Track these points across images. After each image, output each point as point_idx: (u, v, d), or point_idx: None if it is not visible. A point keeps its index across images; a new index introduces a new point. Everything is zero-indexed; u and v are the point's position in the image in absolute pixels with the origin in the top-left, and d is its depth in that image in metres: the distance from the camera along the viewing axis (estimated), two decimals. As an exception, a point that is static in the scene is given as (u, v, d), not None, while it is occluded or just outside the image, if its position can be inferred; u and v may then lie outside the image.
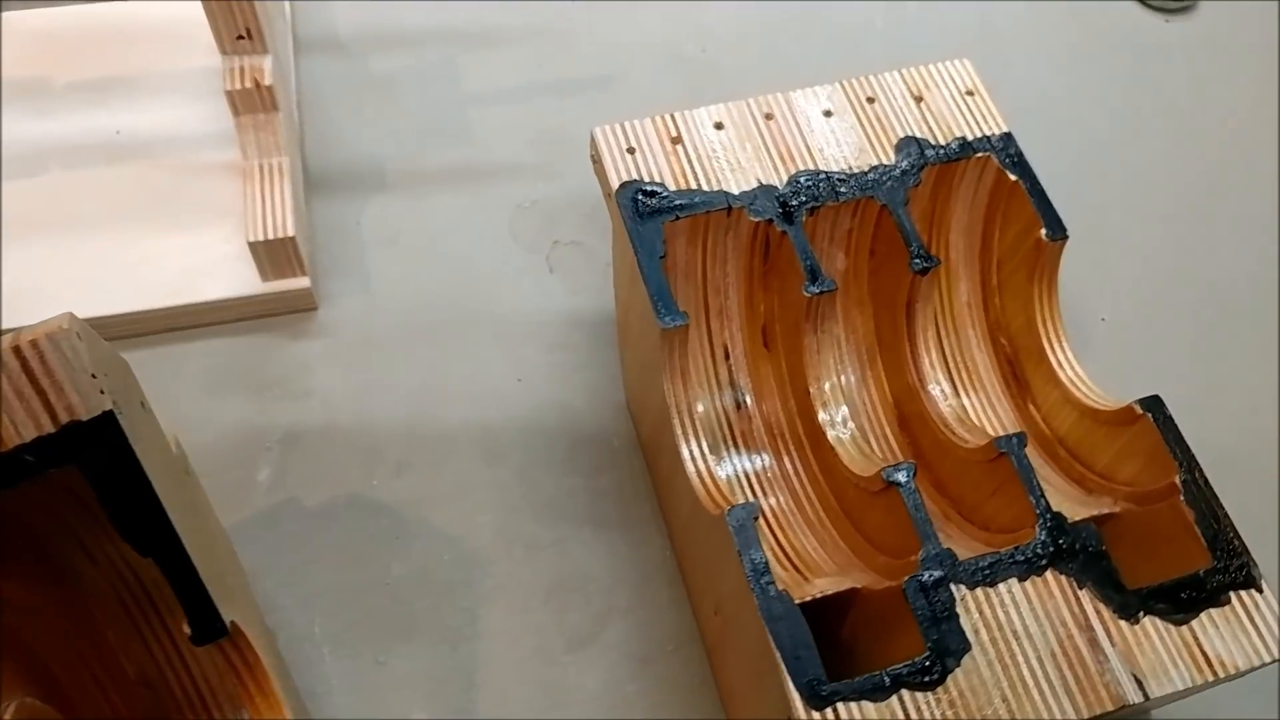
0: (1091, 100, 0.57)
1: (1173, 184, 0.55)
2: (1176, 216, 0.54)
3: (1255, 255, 0.53)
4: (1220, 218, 0.54)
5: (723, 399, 0.44)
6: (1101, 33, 0.59)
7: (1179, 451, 0.37)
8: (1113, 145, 0.56)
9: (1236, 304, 0.52)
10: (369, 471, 0.45)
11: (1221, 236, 0.53)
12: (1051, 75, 0.58)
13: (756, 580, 0.34)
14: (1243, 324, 0.51)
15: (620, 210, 0.40)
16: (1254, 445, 0.48)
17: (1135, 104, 0.57)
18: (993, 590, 0.34)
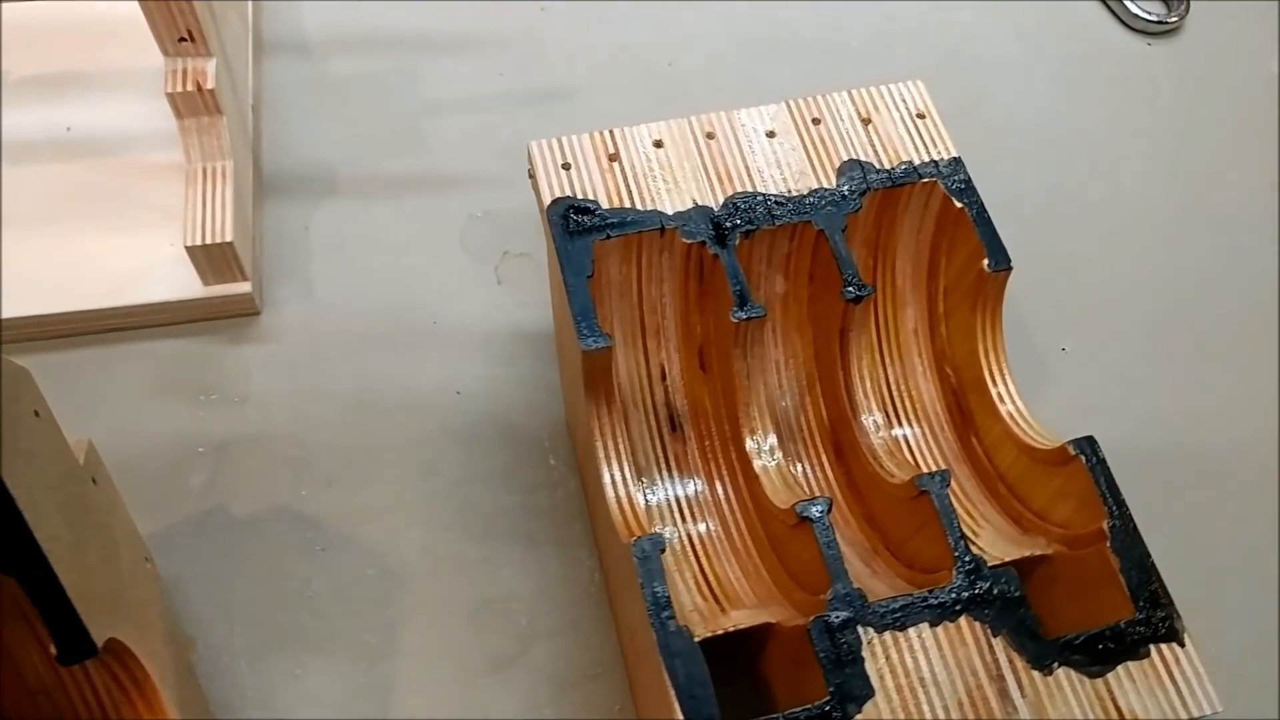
0: (1069, 124, 0.56)
1: (1148, 213, 0.53)
2: (1150, 247, 0.52)
3: (1228, 289, 0.51)
4: (1196, 250, 0.52)
5: (658, 421, 0.43)
6: (1082, 55, 0.58)
7: (1109, 496, 0.36)
8: (1089, 171, 0.54)
9: (1205, 338, 0.50)
10: (299, 481, 0.44)
11: (1196, 270, 0.52)
12: (1028, 98, 0.57)
13: (657, 614, 0.33)
14: (1208, 358, 0.50)
15: (550, 227, 0.39)
16: (1212, 479, 0.47)
17: (1114, 129, 0.56)
18: (902, 634, 0.33)
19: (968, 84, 0.57)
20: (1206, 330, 0.50)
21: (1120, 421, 0.48)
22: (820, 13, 0.58)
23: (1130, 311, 0.50)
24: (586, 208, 0.39)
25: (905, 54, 0.57)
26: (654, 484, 0.42)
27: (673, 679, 0.32)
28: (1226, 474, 0.47)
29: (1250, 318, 0.51)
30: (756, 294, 0.42)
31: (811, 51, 0.57)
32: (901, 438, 0.43)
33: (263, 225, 0.49)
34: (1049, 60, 0.58)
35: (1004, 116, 0.56)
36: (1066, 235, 0.52)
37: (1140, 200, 0.53)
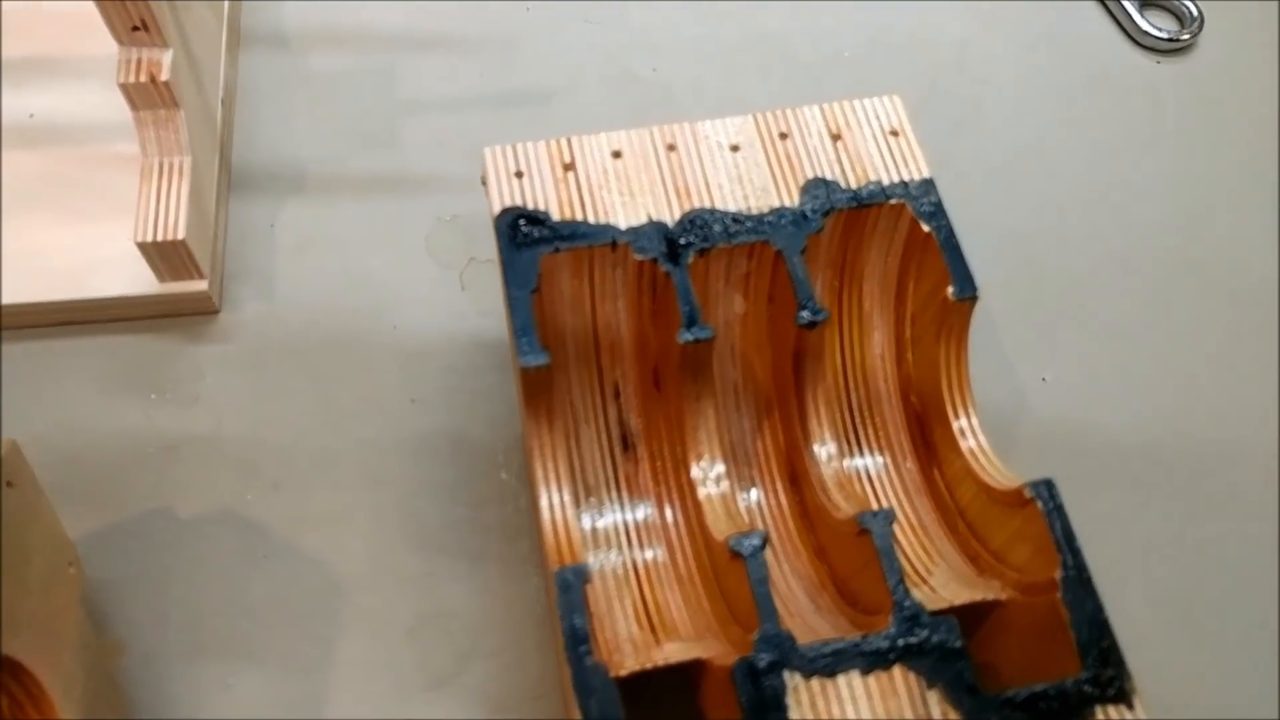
0: (1067, 145, 0.54)
1: (1145, 241, 0.51)
2: (1144, 276, 0.50)
3: (1222, 326, 0.49)
4: (1192, 282, 0.50)
5: (610, 439, 0.42)
6: (1085, 73, 0.56)
7: (1064, 543, 0.34)
8: (1085, 195, 0.52)
9: (1196, 375, 0.48)
10: (246, 485, 0.43)
11: (1190, 303, 0.49)
12: (1025, 116, 0.54)
13: (573, 648, 0.31)
14: (1197, 393, 0.47)
15: (497, 238, 0.38)
16: (1197, 514, 0.45)
17: (1115, 152, 0.54)
18: (831, 682, 0.31)
19: (962, 100, 0.55)
20: (1197, 367, 0.48)
21: (1094, 457, 0.46)
22: (811, 23, 0.56)
23: (1117, 344, 0.48)
24: (537, 218, 0.38)
25: (898, 67, 0.55)
26: (602, 505, 0.41)
27: (585, 716, 0.31)
28: (1210, 508, 0.45)
29: (1246, 356, 0.48)
30: (714, 313, 0.41)
31: (800, 62, 0.55)
32: (862, 467, 0.42)
33: (227, 222, 0.49)
34: (1049, 77, 0.55)
35: (999, 134, 0.54)
36: (1058, 261, 0.50)
37: (1137, 228, 0.51)
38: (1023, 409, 0.47)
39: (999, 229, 0.51)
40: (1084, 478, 0.45)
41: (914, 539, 0.40)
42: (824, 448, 0.39)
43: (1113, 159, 0.53)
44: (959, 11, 0.58)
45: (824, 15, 0.56)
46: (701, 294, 0.40)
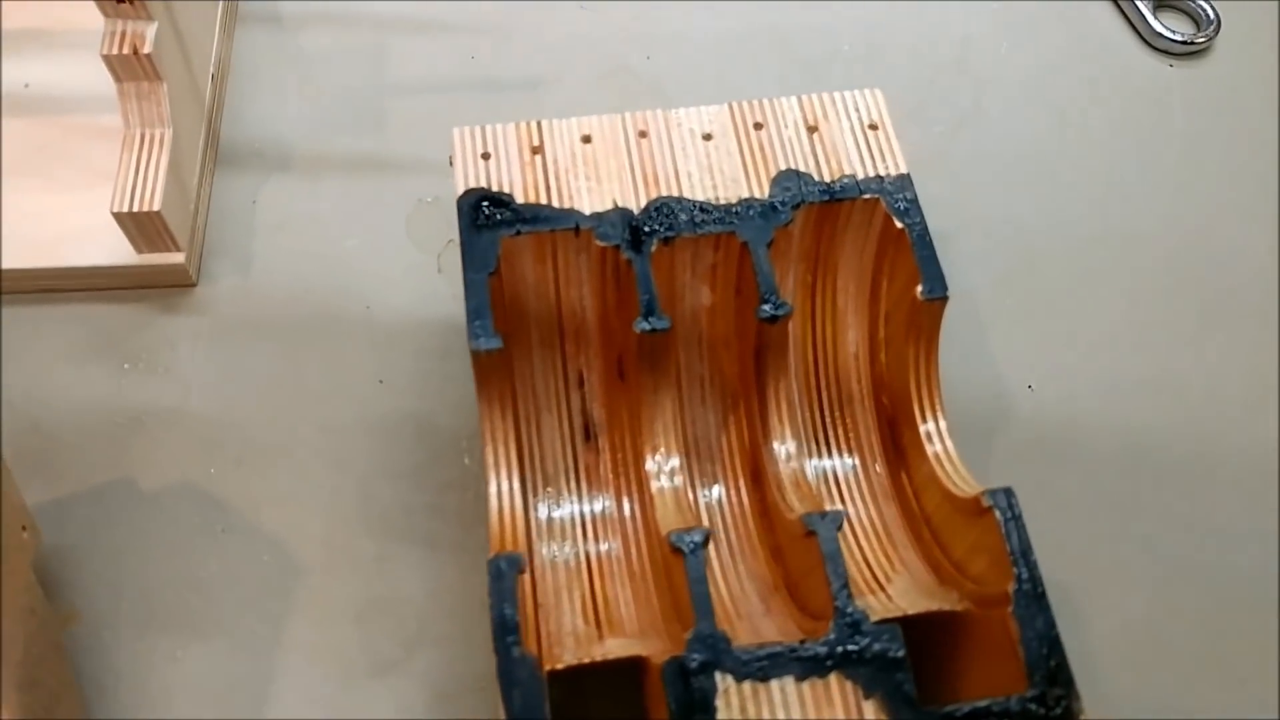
0: (1071, 147, 0.52)
1: (1144, 249, 0.49)
2: (1140, 285, 0.49)
3: (1217, 341, 0.47)
4: (1191, 294, 0.48)
5: (572, 429, 0.41)
6: (1094, 73, 0.54)
7: (1019, 556, 0.33)
8: (1086, 199, 0.51)
9: (1186, 390, 0.46)
10: (209, 460, 0.43)
11: (1185, 316, 0.48)
12: (1030, 116, 0.53)
13: (501, 638, 0.31)
14: (1184, 407, 0.46)
15: (458, 218, 0.38)
16: (1177, 530, 0.43)
17: (1120, 156, 0.52)
18: (764, 686, 0.30)
19: (963, 99, 0.53)
20: (1190, 381, 0.46)
21: (1076, 470, 0.44)
22: (811, 17, 0.55)
23: (1108, 355, 0.47)
24: (501, 200, 0.38)
25: (899, 63, 0.54)
26: (560, 496, 0.40)
27: (507, 708, 0.30)
28: (1194, 525, 0.43)
29: (1240, 370, 0.47)
30: (681, 305, 0.40)
31: (798, 56, 0.54)
32: (831, 469, 0.41)
33: (210, 196, 0.48)
34: (1055, 78, 0.54)
35: (1001, 134, 0.52)
36: (1053, 267, 0.49)
37: (1137, 236, 0.49)
38: (1006, 416, 0.46)
39: (994, 231, 0.50)
40: (1064, 490, 0.44)
41: (876, 545, 0.39)
42: (784, 446, 0.38)
43: (1116, 164, 0.52)
44: (962, 9, 0.56)
45: (824, 10, 0.55)
46: (667, 284, 0.39)
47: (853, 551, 0.39)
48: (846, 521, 0.39)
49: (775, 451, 0.38)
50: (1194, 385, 0.46)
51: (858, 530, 0.39)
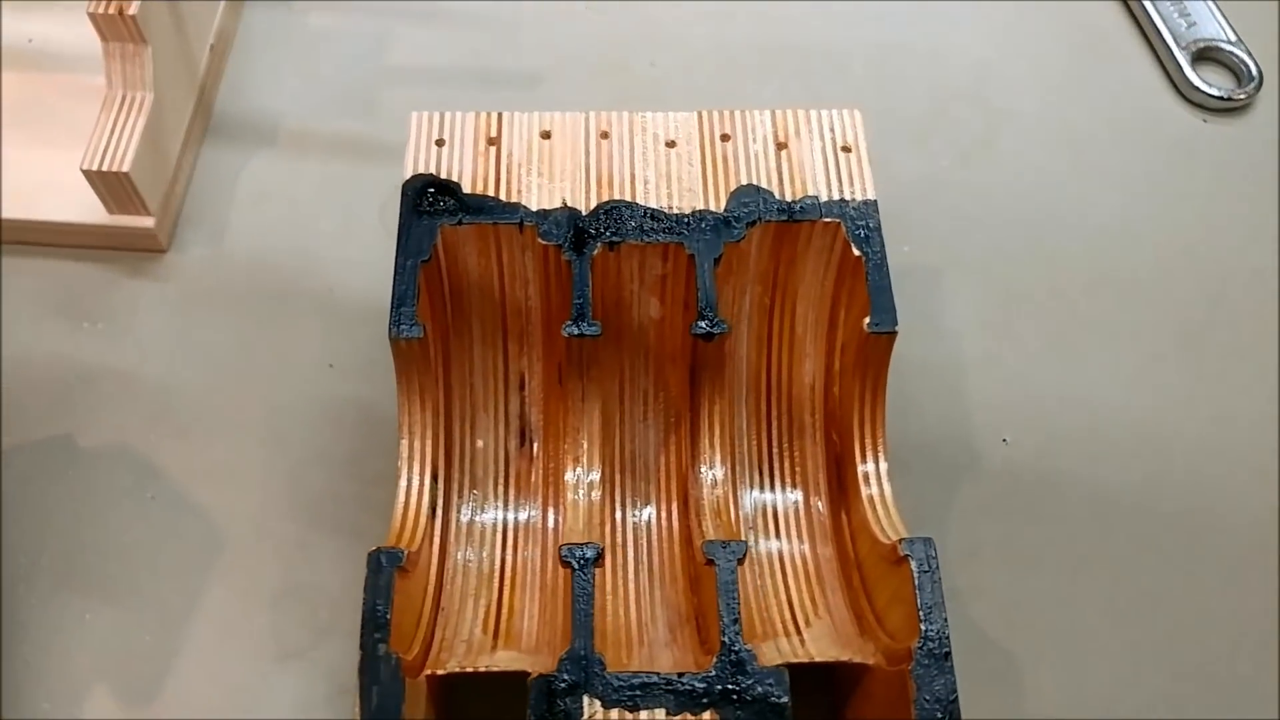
0: (1081, 195, 0.50)
1: (1147, 309, 0.47)
2: (1137, 342, 0.46)
3: (1210, 410, 0.44)
4: (1190, 356, 0.45)
5: (507, 433, 0.40)
6: (1118, 119, 0.51)
7: (927, 611, 0.30)
8: (1087, 252, 0.48)
9: (1173, 458, 0.43)
10: (151, 426, 0.43)
11: (1182, 378, 0.45)
12: (1041, 156, 0.51)
13: (369, 634, 0.30)
14: (1169, 480, 0.43)
15: (401, 203, 0.37)
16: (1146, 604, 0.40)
17: (1133, 210, 0.49)
18: (634, 715, 0.29)
19: (976, 130, 0.51)
20: (1173, 447, 0.43)
21: (1042, 528, 0.42)
22: (824, 36, 0.53)
23: (1092, 414, 0.44)
24: (447, 188, 0.37)
25: (911, 89, 0.52)
26: (485, 500, 0.39)
27: (364, 707, 0.29)
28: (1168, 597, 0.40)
29: (1233, 443, 0.44)
30: (628, 315, 0.38)
31: (807, 73, 0.52)
32: (771, 502, 0.39)
33: (195, 165, 0.48)
34: (1078, 118, 0.51)
35: (1009, 171, 0.50)
36: (1045, 314, 0.46)
37: (1138, 289, 0.47)
38: (975, 466, 0.43)
39: (988, 271, 0.47)
40: (1028, 550, 0.41)
41: (804, 585, 0.37)
42: (711, 471, 0.36)
43: (1128, 215, 0.49)
44: (985, 38, 0.54)
45: (839, 28, 0.54)
46: (614, 293, 0.38)
47: (777, 590, 0.37)
48: (777, 559, 0.38)
49: (701, 476, 0.36)
50: (1180, 451, 0.44)
51: (787, 568, 0.37)
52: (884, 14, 0.55)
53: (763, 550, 0.38)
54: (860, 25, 0.54)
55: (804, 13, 0.55)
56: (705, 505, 0.35)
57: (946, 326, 0.46)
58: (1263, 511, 0.42)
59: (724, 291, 0.38)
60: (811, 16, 0.55)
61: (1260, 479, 0.43)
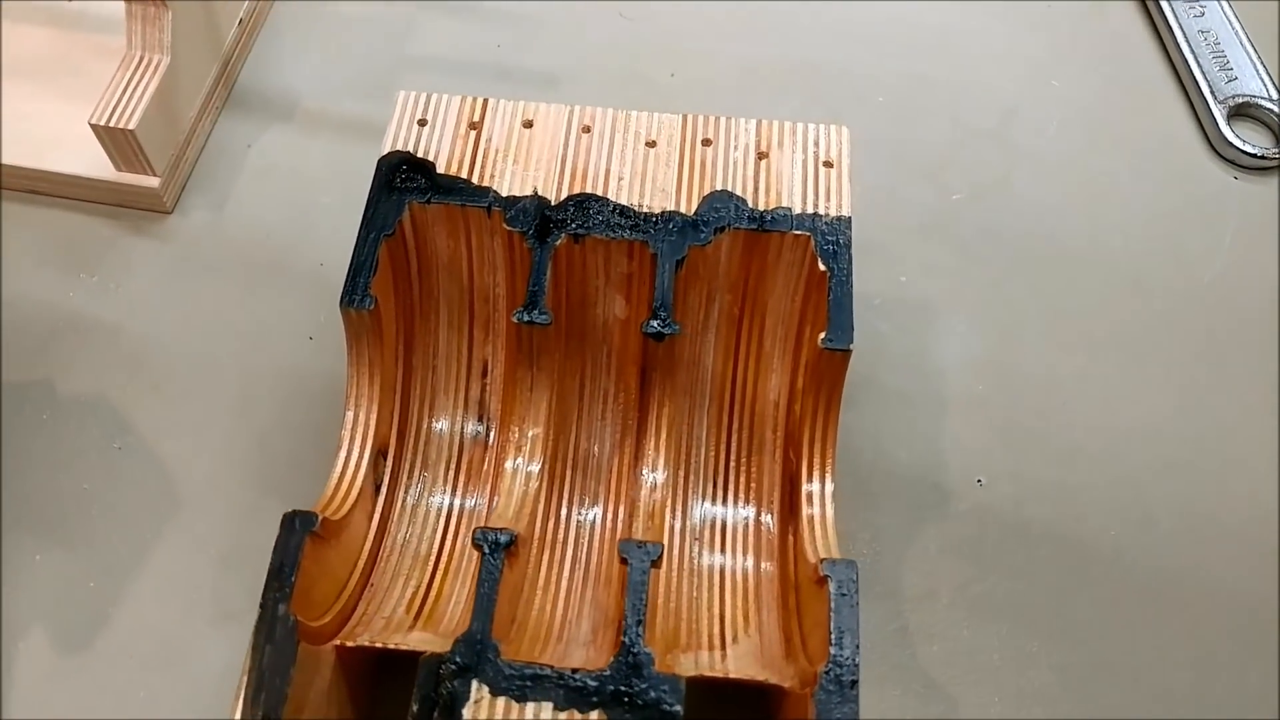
0: (1099, 241, 0.48)
1: (1152, 364, 0.45)
2: (1128, 399, 0.44)
3: (1200, 472, 0.42)
4: (1187, 417, 0.44)
5: (465, 420, 0.40)
6: (1143, 169, 0.50)
7: (840, 636, 0.29)
8: (1089, 299, 0.46)
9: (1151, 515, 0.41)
10: (128, 379, 0.43)
11: (1170, 435, 0.43)
12: (1060, 200, 0.49)
13: (269, 591, 0.30)
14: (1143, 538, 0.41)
15: (374, 178, 0.37)
16: (1101, 666, 0.38)
17: (1147, 260, 0.47)
18: (519, 706, 0.28)
19: (994, 169, 0.50)
20: (1155, 509, 0.42)
21: (1006, 576, 0.40)
22: (852, 61, 0.52)
23: (1073, 464, 0.42)
24: (421, 166, 0.37)
25: (931, 121, 0.51)
26: (434, 484, 0.39)
27: (253, 663, 0.28)
28: (1128, 662, 0.39)
29: (1224, 513, 0.42)
30: (592, 313, 0.38)
31: (827, 95, 0.52)
32: (721, 516, 0.38)
33: (209, 134, 0.50)
34: (1101, 166, 0.50)
35: (1023, 213, 0.49)
36: (1035, 364, 0.45)
37: (1139, 354, 0.45)
38: (945, 507, 0.42)
39: (986, 311, 0.46)
40: (989, 597, 0.40)
41: (740, 602, 0.36)
42: (653, 474, 0.36)
43: (1139, 268, 0.47)
44: (1016, 78, 0.53)
45: (867, 54, 0.53)
46: (579, 288, 0.37)
47: (712, 604, 0.36)
48: (718, 573, 0.37)
49: (642, 478, 0.36)
50: (1163, 517, 0.42)
51: (726, 583, 0.36)
52: (914, 44, 0.54)
53: (705, 562, 0.37)
54: (889, 54, 0.54)
55: (834, 36, 0.54)
56: (640, 508, 0.35)
57: (933, 361, 0.45)
58: (1257, 587, 0.40)
59: (690, 296, 0.37)
60: (841, 40, 0.54)
61: (1256, 554, 0.41)
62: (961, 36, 0.55)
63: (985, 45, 0.54)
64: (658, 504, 0.35)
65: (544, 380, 0.36)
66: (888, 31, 0.55)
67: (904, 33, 0.55)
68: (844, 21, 0.55)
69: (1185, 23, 0.54)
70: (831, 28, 0.55)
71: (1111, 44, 0.55)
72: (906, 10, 0.55)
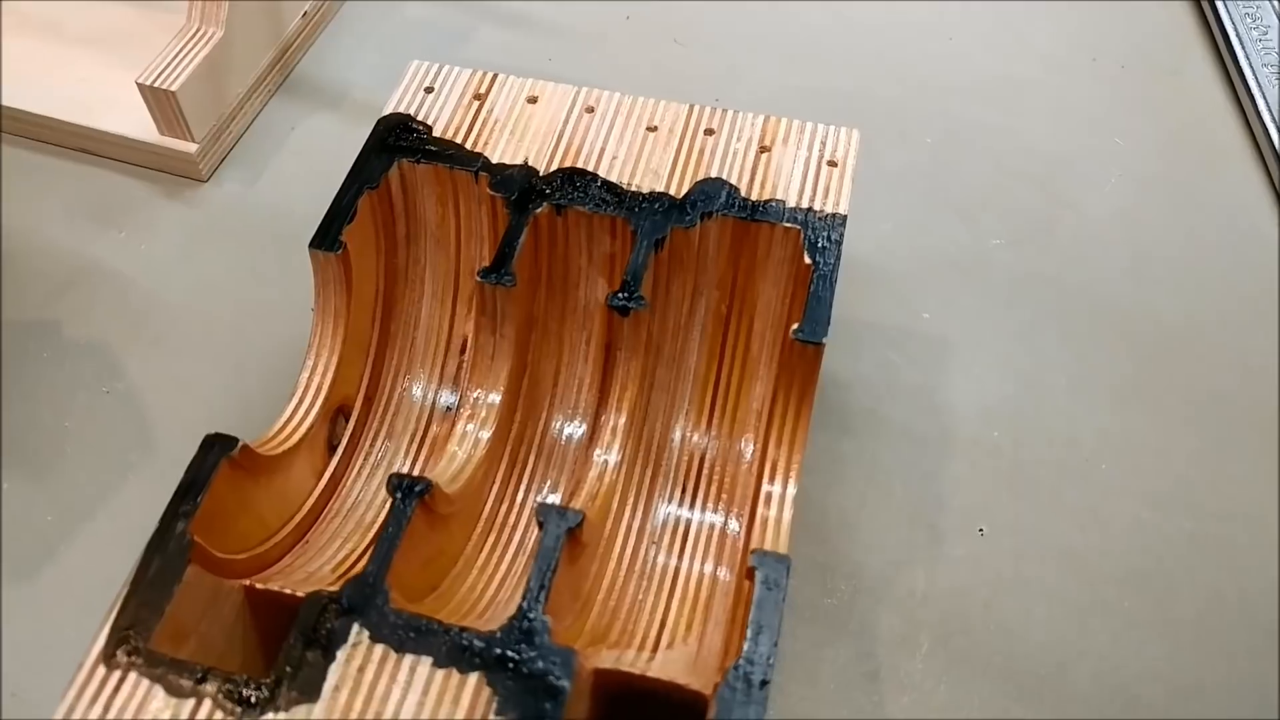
0: (1140, 300, 0.45)
1: (1185, 428, 0.41)
2: (1169, 469, 0.40)
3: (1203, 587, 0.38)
4: (1194, 489, 0.40)
5: (437, 395, 0.38)
6: (1202, 233, 0.47)
7: (755, 633, 0.27)
8: (1125, 356, 0.43)
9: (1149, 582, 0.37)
10: (133, 329, 0.44)
11: (1179, 499, 0.39)
12: (1103, 255, 0.46)
13: (173, 506, 0.29)
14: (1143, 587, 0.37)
15: (370, 135, 0.37)
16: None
17: (1188, 322, 0.44)
18: (397, 656, 0.26)
19: (1039, 218, 0.47)
20: (1150, 575, 0.37)
21: (992, 636, 0.36)
22: (900, 95, 0.51)
23: (1078, 523, 0.39)
24: (417, 129, 0.37)
25: (977, 166, 0.49)
26: (396, 455, 0.37)
27: (139, 571, 0.27)
28: None
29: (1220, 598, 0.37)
30: (575, 294, 0.37)
31: (869, 128, 0.50)
32: (688, 519, 0.36)
33: (258, 114, 0.51)
34: (1153, 222, 0.47)
35: (1060, 263, 0.46)
36: (1055, 414, 0.42)
37: (1165, 424, 0.41)
38: (938, 554, 0.39)
39: (1007, 359, 0.43)
40: (972, 654, 0.36)
41: (688, 607, 0.33)
42: (605, 455, 0.34)
43: (1179, 330, 0.44)
44: (1072, 127, 0.51)
45: (916, 92, 0.52)
46: (563, 266, 0.36)
47: (656, 607, 0.33)
48: (670, 576, 0.34)
49: (594, 457, 0.34)
50: (1184, 591, 0.37)
51: (678, 588, 0.34)
52: (968, 86, 0.53)
53: (660, 564, 0.35)
54: (938, 92, 0.52)
55: (886, 69, 0.53)
56: (585, 488, 0.33)
57: (945, 400, 0.42)
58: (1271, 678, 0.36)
59: (673, 285, 0.35)
60: (891, 74, 0.53)
61: (1272, 643, 0.36)
62: (1024, 87, 0.53)
63: (1048, 98, 0.52)
64: (605, 488, 0.33)
65: (506, 348, 0.34)
66: (950, 77, 0.53)
67: (966, 80, 0.53)
68: (904, 64, 0.54)
69: (1269, 91, 0.51)
70: (890, 67, 0.53)
71: (1188, 108, 0.52)
72: (972, 61, 0.54)
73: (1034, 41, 0.55)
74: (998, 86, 0.53)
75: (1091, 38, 0.55)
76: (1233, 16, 0.53)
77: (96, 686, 0.26)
